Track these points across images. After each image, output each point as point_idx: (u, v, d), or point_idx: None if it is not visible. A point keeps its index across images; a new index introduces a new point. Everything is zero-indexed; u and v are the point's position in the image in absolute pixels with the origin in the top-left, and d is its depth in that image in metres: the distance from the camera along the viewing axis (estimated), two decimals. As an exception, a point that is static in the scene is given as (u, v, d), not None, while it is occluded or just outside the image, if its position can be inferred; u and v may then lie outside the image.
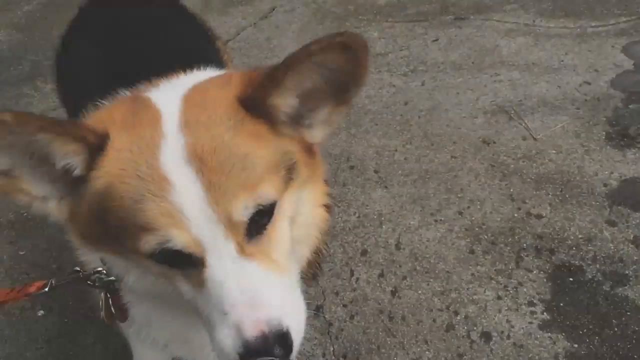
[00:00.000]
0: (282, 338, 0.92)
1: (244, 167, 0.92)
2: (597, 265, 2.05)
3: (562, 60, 3.04)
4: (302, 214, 1.08)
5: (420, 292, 2.09)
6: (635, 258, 2.04)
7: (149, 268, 1.01)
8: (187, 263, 0.94)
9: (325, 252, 1.38)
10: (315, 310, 2.09)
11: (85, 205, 0.98)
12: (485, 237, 2.23)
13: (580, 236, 2.16)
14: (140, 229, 0.91)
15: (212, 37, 2.05)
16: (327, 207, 1.28)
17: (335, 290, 2.14)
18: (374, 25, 3.66)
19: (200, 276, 0.94)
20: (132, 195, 0.91)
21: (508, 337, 1.90)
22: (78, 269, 1.28)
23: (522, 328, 1.92)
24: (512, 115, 2.75)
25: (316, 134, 1.06)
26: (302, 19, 3.87)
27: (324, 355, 1.96)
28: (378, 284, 2.14)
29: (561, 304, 1.96)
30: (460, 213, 2.34)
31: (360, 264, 2.23)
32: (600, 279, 2.01)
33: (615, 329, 1.87)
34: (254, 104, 0.96)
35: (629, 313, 1.90)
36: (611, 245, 2.11)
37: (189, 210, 0.89)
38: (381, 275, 2.17)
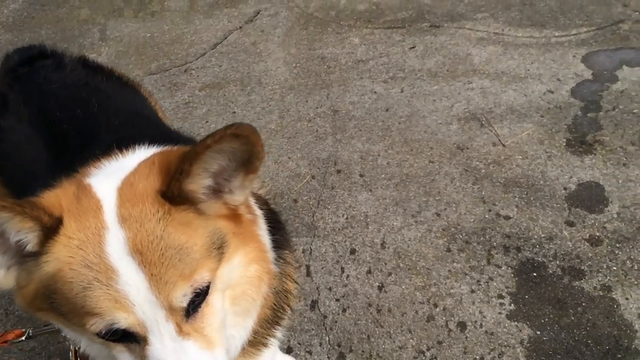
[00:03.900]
0: None
1: (180, 258, 1.02)
2: (557, 262, 2.35)
3: (529, 69, 3.32)
4: (234, 279, 1.16)
5: (403, 287, 2.36)
6: (590, 255, 2.35)
7: (93, 340, 1.10)
8: (130, 339, 1.05)
9: (294, 294, 1.48)
10: (311, 304, 2.35)
11: (34, 283, 1.06)
12: (460, 236, 2.51)
13: (543, 235, 2.45)
14: (88, 313, 1.00)
15: (145, 95, 2.15)
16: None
17: (329, 286, 2.40)
18: (354, 31, 3.88)
19: (143, 352, 1.04)
20: (81, 282, 1.00)
21: (481, 326, 2.19)
22: None
23: (493, 318, 2.21)
24: (483, 122, 3.02)
25: (237, 197, 1.16)
26: (287, 23, 4.07)
27: (320, 344, 2.22)
28: (366, 280, 2.41)
29: (526, 296, 2.25)
30: (438, 214, 2.61)
31: (349, 262, 2.48)
32: (560, 273, 2.31)
33: (572, 317, 2.17)
34: (174, 195, 1.05)
35: (584, 304, 2.20)
36: (569, 243, 2.41)
37: (134, 297, 1.00)
38: (369, 272, 2.44)
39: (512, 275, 2.33)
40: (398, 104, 3.24)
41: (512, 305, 2.23)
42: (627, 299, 2.19)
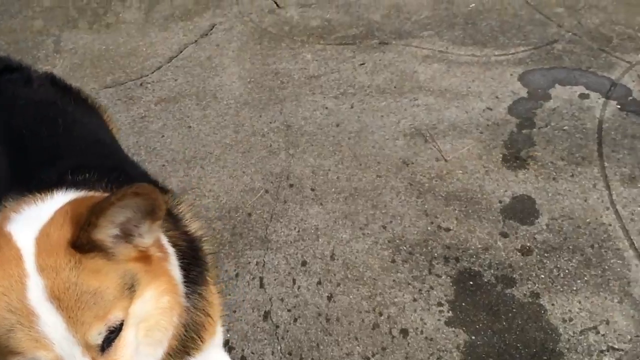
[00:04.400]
0: None
1: (95, 302, 1.14)
2: (492, 271, 2.55)
3: (470, 87, 3.53)
4: (148, 311, 1.28)
5: (351, 296, 2.52)
6: (521, 264, 2.56)
7: None
8: None
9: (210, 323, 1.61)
10: (264, 315, 2.48)
11: None
12: (404, 248, 2.68)
13: (479, 246, 2.65)
14: (12, 352, 1.12)
15: (105, 118, 2.27)
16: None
17: (281, 297, 2.53)
18: (307, 47, 4.03)
19: None
20: (4, 326, 1.11)
21: (421, 332, 2.36)
22: None
23: (433, 324, 2.38)
24: (427, 138, 3.21)
25: (147, 241, 1.30)
26: (241, 38, 4.18)
27: (272, 353, 2.36)
28: (316, 291, 2.55)
29: (463, 304, 2.44)
30: (384, 227, 2.78)
31: (301, 274, 2.62)
32: (493, 282, 2.51)
33: (504, 323, 2.37)
34: (83, 244, 1.16)
35: (514, 310, 2.40)
36: (503, 253, 2.61)
37: (54, 337, 1.12)
38: (319, 283, 2.58)
39: (451, 284, 2.52)
40: (348, 119, 3.40)
41: (450, 312, 2.42)
42: (553, 304, 2.40)
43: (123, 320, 1.20)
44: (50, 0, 4.81)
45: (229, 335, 2.41)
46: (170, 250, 1.44)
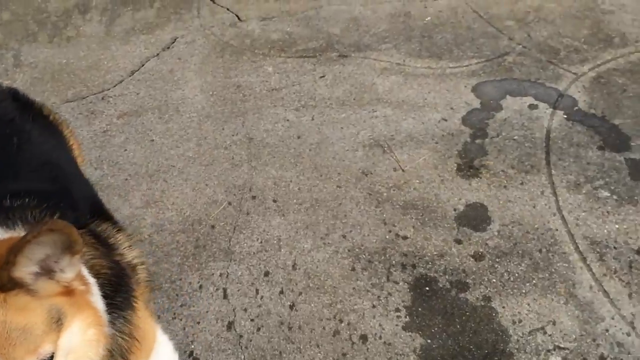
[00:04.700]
0: None
1: (25, 337, 1.18)
2: (447, 276, 2.66)
3: (426, 99, 3.66)
4: (75, 343, 1.32)
5: (312, 305, 2.60)
6: (474, 269, 2.68)
7: None
8: None
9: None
10: (228, 325, 2.54)
11: None
12: (364, 256, 2.78)
13: (435, 253, 2.77)
14: None
15: (66, 135, 2.28)
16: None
17: (244, 307, 2.60)
18: (268, 60, 4.11)
19: None
20: None
21: (380, 337, 2.46)
22: None
23: (391, 330, 2.48)
24: (385, 149, 3.33)
25: (68, 275, 1.35)
26: (203, 51, 4.23)
27: (236, 362, 2.42)
28: (279, 300, 2.62)
29: (419, 309, 2.55)
30: (344, 236, 2.87)
31: (263, 284, 2.69)
32: (448, 287, 2.62)
33: (458, 326, 2.48)
34: (4, 283, 1.19)
35: (468, 313, 2.52)
36: (457, 259, 2.73)
37: None
38: (281, 292, 2.65)
39: (408, 290, 2.62)
40: (309, 131, 3.49)
41: (407, 317, 2.52)
42: (503, 307, 2.53)
43: (53, 353, 1.25)
44: (9, 14, 4.79)
45: (193, 346, 2.46)
46: (92, 280, 1.49)
